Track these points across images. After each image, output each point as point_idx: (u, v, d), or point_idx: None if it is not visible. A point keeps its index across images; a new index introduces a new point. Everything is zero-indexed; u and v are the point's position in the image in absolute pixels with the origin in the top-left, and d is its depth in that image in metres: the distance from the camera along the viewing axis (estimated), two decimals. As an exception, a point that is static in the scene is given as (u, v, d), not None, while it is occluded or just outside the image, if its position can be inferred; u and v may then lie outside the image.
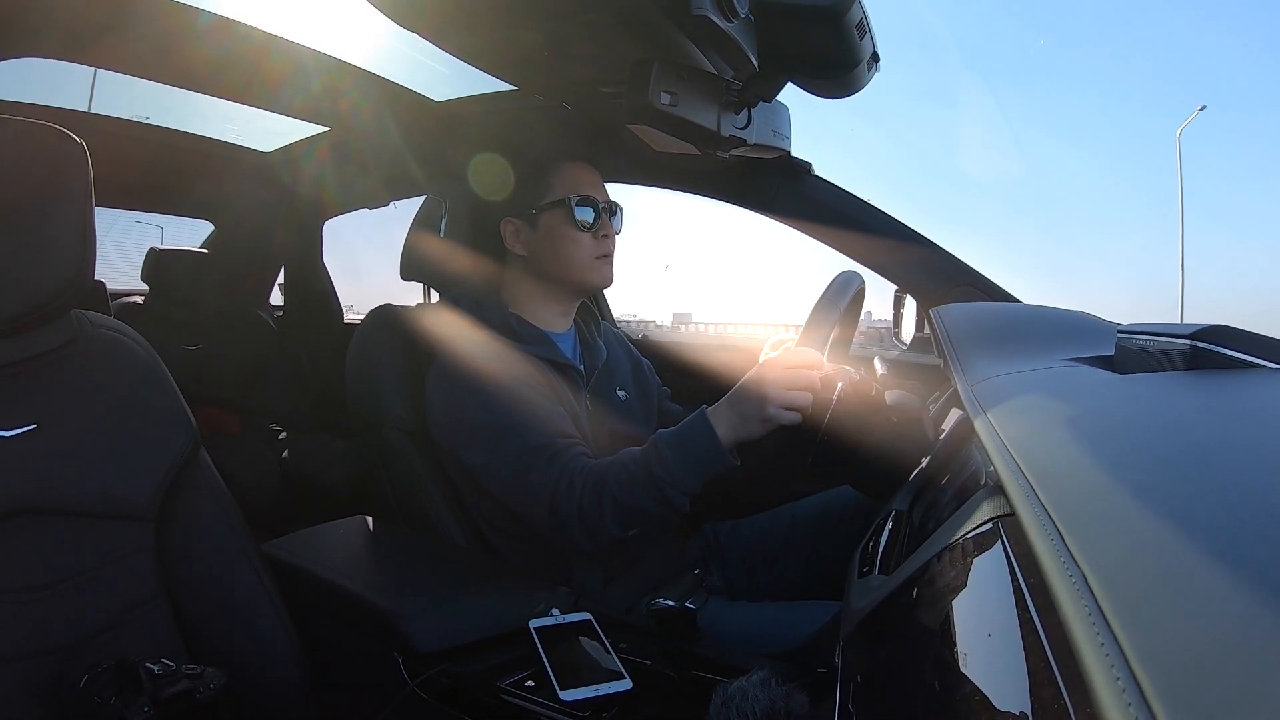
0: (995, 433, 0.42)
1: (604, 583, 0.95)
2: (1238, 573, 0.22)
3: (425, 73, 1.26)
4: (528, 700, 0.64)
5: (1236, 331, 0.48)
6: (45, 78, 1.26)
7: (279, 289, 2.31)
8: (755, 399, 0.80)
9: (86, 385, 0.66)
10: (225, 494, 0.74)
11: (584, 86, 1.03)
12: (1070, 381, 0.53)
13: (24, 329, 0.63)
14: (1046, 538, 0.27)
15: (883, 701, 0.38)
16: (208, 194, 1.95)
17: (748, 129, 0.92)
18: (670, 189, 1.34)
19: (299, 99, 1.31)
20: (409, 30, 0.87)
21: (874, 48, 0.80)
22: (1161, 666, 0.19)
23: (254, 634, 0.70)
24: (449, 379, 0.94)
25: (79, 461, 0.63)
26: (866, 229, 1.17)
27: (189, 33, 1.02)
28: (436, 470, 0.98)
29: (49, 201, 0.61)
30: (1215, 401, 0.43)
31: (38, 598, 0.60)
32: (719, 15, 0.68)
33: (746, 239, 38.38)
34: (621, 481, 0.83)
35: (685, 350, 1.49)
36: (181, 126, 1.64)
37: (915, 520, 0.56)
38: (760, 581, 1.07)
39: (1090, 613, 0.22)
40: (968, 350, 0.67)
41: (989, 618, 0.30)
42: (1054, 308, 0.90)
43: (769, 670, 0.57)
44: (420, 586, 0.78)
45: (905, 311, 1.18)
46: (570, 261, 0.99)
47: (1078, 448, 0.37)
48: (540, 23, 0.84)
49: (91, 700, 0.54)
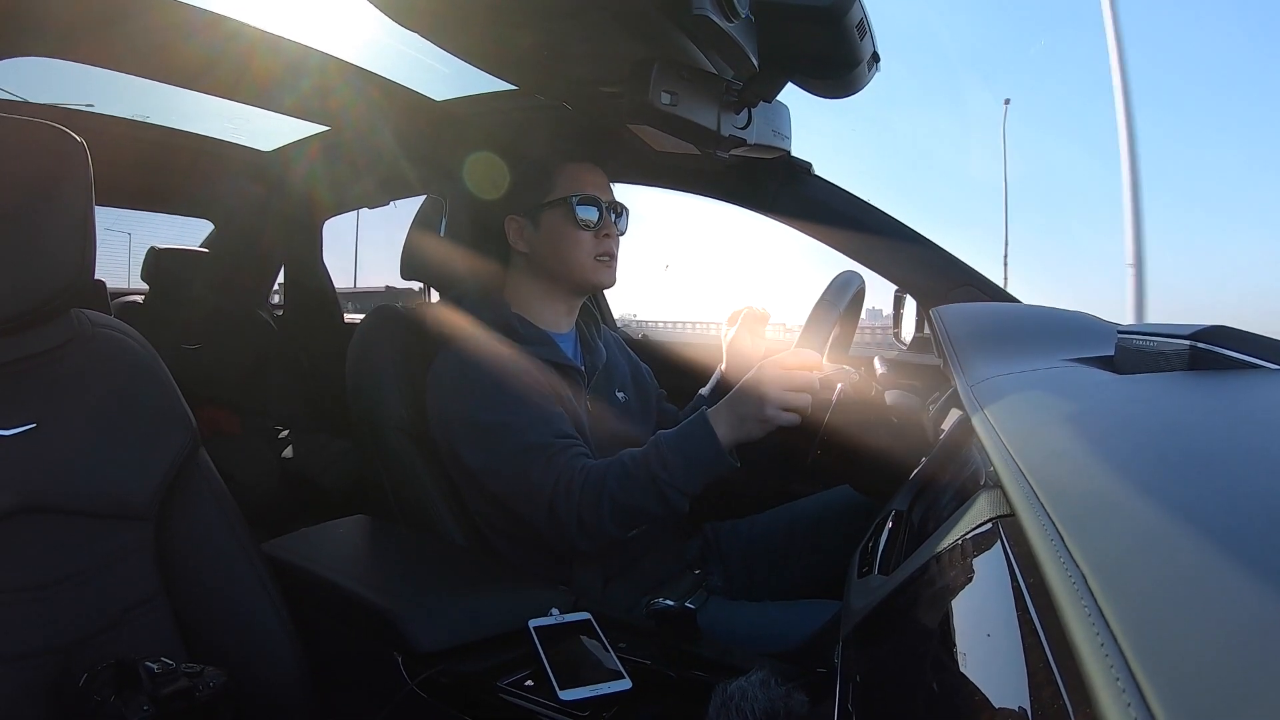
0: (995, 433, 0.42)
1: (604, 582, 0.95)
2: (1237, 573, 0.22)
3: (425, 72, 1.27)
4: (527, 700, 0.64)
5: (1236, 332, 0.48)
6: (45, 77, 1.26)
7: (279, 288, 2.31)
8: (755, 400, 0.81)
9: (86, 384, 0.66)
10: (225, 494, 0.74)
11: (584, 86, 1.03)
12: (1070, 382, 0.53)
13: (23, 327, 0.63)
14: (1046, 538, 0.27)
15: (882, 701, 0.38)
16: (207, 194, 1.95)
17: (748, 129, 0.93)
18: (670, 189, 1.34)
19: (299, 98, 1.31)
20: (409, 29, 0.87)
21: (874, 48, 0.80)
22: (1161, 667, 0.19)
23: (254, 634, 0.70)
24: (450, 378, 0.94)
25: (78, 461, 0.63)
26: (866, 229, 1.17)
27: (188, 31, 1.02)
28: (436, 470, 0.98)
29: (49, 200, 0.61)
30: (1215, 402, 0.43)
31: (37, 597, 0.60)
32: (719, 15, 0.68)
33: (746, 239, 38.31)
34: (621, 481, 0.83)
35: (684, 350, 1.49)
36: (182, 126, 1.64)
37: (915, 520, 0.56)
38: (760, 581, 1.07)
39: (1090, 613, 0.22)
40: (968, 350, 0.67)
41: (989, 618, 0.30)
42: (1054, 308, 0.90)
43: (768, 670, 0.57)
44: (420, 586, 0.77)
45: (905, 311, 1.18)
46: (571, 260, 0.99)
47: (1078, 448, 0.37)
48: (540, 22, 0.84)
49: (91, 699, 0.54)
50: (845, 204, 1.19)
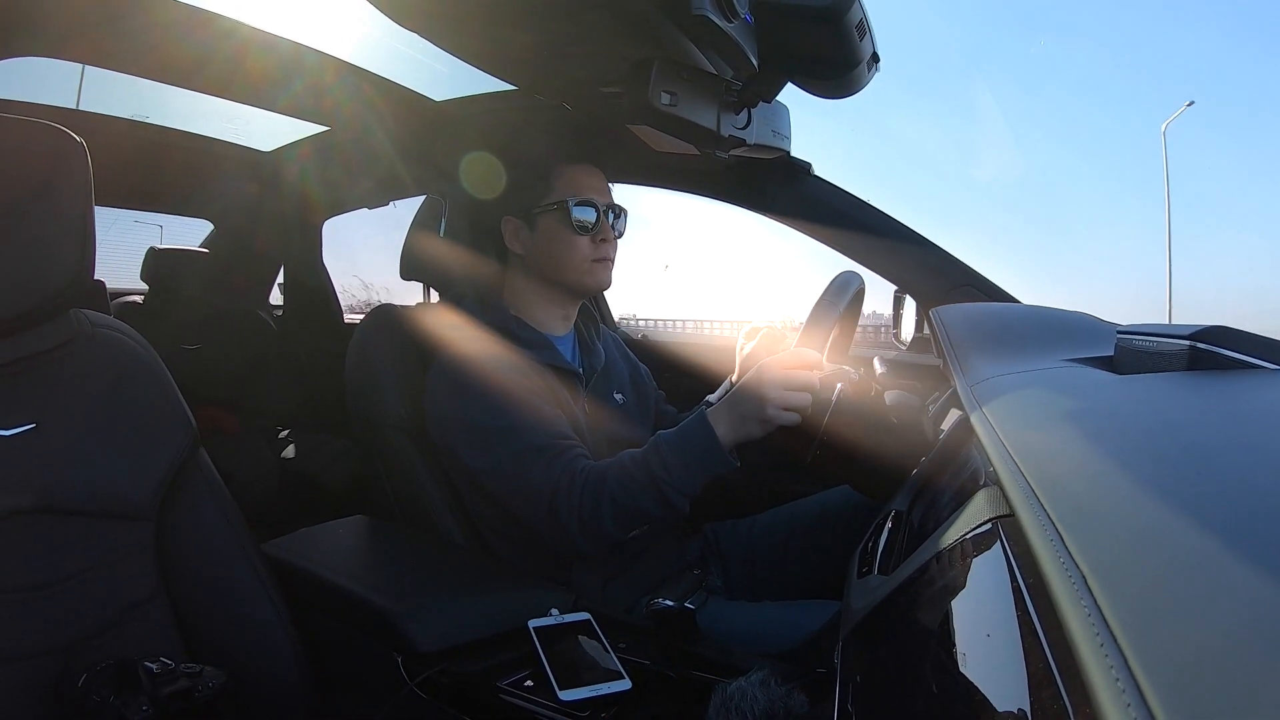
0: (995, 433, 0.42)
1: (604, 583, 0.95)
2: (1237, 573, 0.22)
3: (425, 72, 1.26)
4: (527, 700, 0.64)
5: (1235, 332, 0.48)
6: (45, 77, 1.26)
7: (279, 289, 2.31)
8: (755, 399, 0.81)
9: (86, 385, 0.66)
10: (225, 494, 0.74)
11: (584, 86, 1.03)
12: (1070, 382, 0.53)
13: (23, 328, 0.63)
14: (1046, 538, 0.28)
15: (882, 702, 0.38)
16: (208, 194, 1.95)
17: (747, 129, 0.93)
18: (670, 189, 1.34)
19: (298, 98, 1.31)
20: (408, 29, 0.87)
21: (874, 48, 0.80)
22: (1160, 666, 0.19)
23: (254, 634, 0.70)
24: (449, 379, 0.94)
25: (78, 461, 0.63)
26: (866, 229, 1.17)
27: (187, 31, 1.02)
28: (436, 470, 0.98)
29: (49, 200, 0.61)
30: (1214, 402, 0.43)
31: (37, 597, 0.59)
32: (719, 15, 0.68)
33: (745, 239, 38.27)
34: (622, 482, 0.83)
35: (684, 350, 1.49)
36: (182, 126, 1.64)
37: (915, 520, 0.56)
38: (760, 581, 1.07)
39: (1089, 613, 0.22)
40: (967, 350, 0.67)
41: (988, 618, 0.30)
42: (1054, 308, 0.90)
43: (768, 670, 0.57)
44: (420, 586, 0.77)
45: (905, 312, 1.18)
46: (566, 263, 0.99)
47: (1077, 448, 0.37)
48: (540, 22, 0.84)
49: (91, 699, 0.54)
50: (845, 204, 1.19)
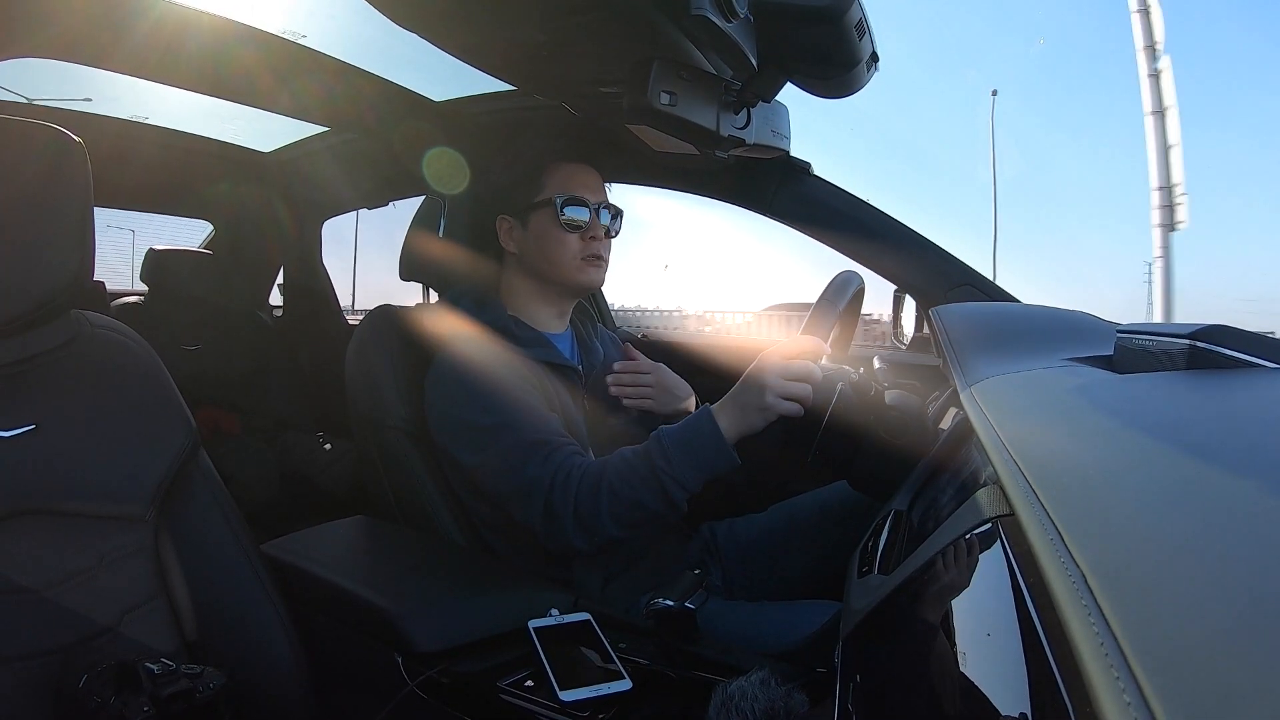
0: (995, 433, 0.42)
1: (603, 583, 0.95)
2: (1237, 573, 0.22)
3: (424, 72, 1.26)
4: (527, 700, 0.64)
5: (1236, 331, 0.48)
6: (45, 77, 1.26)
7: (278, 289, 2.31)
8: (755, 389, 0.81)
9: (86, 385, 0.66)
10: (225, 494, 0.74)
11: (583, 86, 1.03)
12: (1070, 381, 0.53)
13: (23, 329, 0.63)
14: (1046, 538, 0.27)
15: (882, 701, 0.38)
16: (208, 194, 1.95)
17: (747, 129, 0.92)
18: (670, 189, 1.34)
19: (298, 99, 1.31)
20: (407, 29, 0.87)
21: (873, 48, 0.80)
22: (1161, 666, 0.19)
23: (254, 634, 0.70)
24: (448, 379, 0.94)
25: (78, 462, 0.63)
26: (866, 229, 1.17)
27: (187, 32, 1.02)
28: (436, 470, 0.98)
29: (48, 201, 0.61)
30: (1214, 401, 0.43)
31: (38, 598, 0.60)
32: (718, 15, 0.68)
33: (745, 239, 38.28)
34: (621, 474, 0.83)
35: (683, 349, 1.49)
36: (181, 127, 1.64)
37: (915, 520, 0.56)
38: (759, 581, 1.07)
39: (1090, 613, 0.22)
40: (967, 350, 0.67)
41: (988, 618, 0.30)
42: (1054, 308, 0.90)
43: (768, 670, 0.57)
44: (420, 586, 0.77)
45: (905, 312, 1.18)
46: (557, 261, 0.99)
47: (1077, 448, 0.37)
48: (539, 22, 0.84)
49: (91, 700, 0.54)
50: (844, 204, 1.19)
